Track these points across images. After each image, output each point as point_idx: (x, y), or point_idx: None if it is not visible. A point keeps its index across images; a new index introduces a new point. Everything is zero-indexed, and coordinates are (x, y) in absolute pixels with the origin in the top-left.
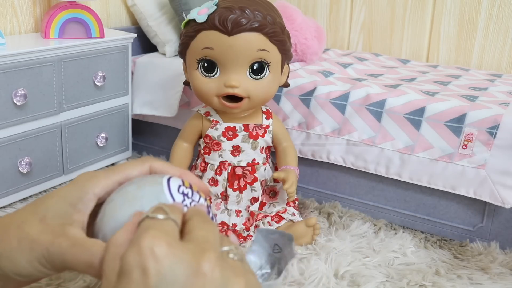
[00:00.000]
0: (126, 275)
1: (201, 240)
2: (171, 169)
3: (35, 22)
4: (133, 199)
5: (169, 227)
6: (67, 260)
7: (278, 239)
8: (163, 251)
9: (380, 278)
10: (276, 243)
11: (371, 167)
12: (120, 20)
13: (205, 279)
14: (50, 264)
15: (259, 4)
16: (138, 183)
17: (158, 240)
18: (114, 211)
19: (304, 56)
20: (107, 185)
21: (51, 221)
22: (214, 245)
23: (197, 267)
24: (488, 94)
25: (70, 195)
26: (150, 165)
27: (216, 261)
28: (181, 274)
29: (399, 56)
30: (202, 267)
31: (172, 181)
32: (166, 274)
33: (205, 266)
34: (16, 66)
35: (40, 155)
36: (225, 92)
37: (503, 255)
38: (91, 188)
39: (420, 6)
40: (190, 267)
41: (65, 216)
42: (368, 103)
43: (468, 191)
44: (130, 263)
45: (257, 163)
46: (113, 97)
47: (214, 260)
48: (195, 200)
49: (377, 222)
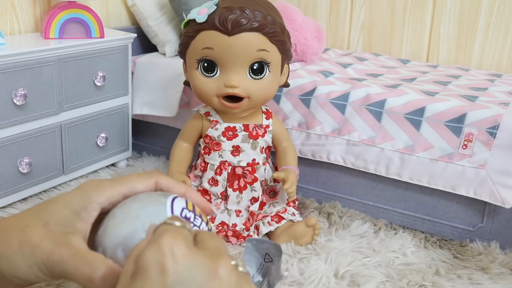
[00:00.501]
0: (143, 273)
1: (214, 249)
2: (176, 186)
3: (35, 22)
4: (135, 217)
5: (186, 232)
6: (67, 271)
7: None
8: (182, 251)
9: (380, 278)
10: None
11: (371, 167)
12: (120, 20)
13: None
14: (50, 271)
15: (259, 4)
16: (141, 202)
17: (178, 240)
18: (115, 227)
19: (304, 56)
20: (112, 196)
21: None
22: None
23: (214, 270)
24: (488, 94)
25: (74, 202)
26: (156, 180)
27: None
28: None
29: (399, 56)
30: (219, 271)
31: (176, 203)
32: (183, 274)
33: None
34: (16, 66)
35: (40, 155)
36: (225, 92)
37: (503, 255)
38: (96, 197)
39: (420, 6)
40: (208, 270)
41: (68, 224)
42: (368, 103)
43: (468, 191)
44: (148, 261)
45: (257, 163)
46: (113, 97)
47: (230, 266)
48: (196, 224)
49: (377, 222)
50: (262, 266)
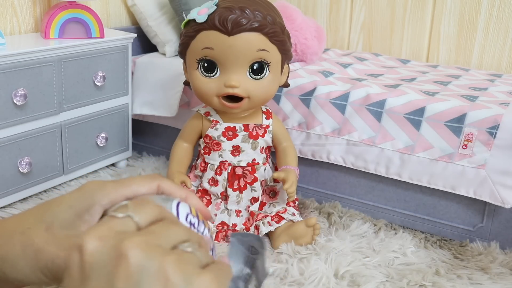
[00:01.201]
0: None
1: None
2: (178, 190)
3: (35, 22)
4: None
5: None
6: None
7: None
8: (92, 245)
9: (380, 278)
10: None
11: (371, 167)
12: (120, 20)
13: (127, 260)
14: (53, 275)
15: (259, 4)
16: None
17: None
18: None
19: (304, 56)
20: (115, 198)
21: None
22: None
23: (118, 249)
24: (488, 94)
25: (77, 204)
26: (158, 184)
27: (139, 243)
28: (107, 260)
29: (399, 56)
30: (122, 249)
31: (181, 208)
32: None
33: (124, 248)
34: (16, 66)
35: (40, 155)
36: (225, 92)
37: (503, 255)
38: (99, 200)
39: (420, 6)
40: (114, 251)
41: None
42: (368, 103)
43: (468, 191)
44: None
45: (257, 163)
46: (113, 97)
47: (137, 242)
48: (200, 230)
49: (377, 222)
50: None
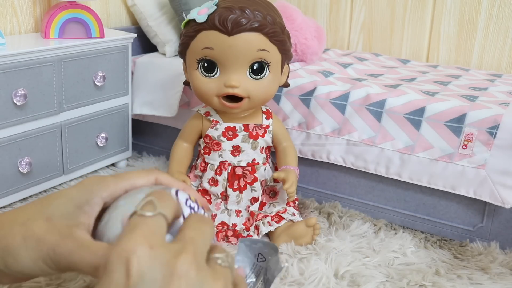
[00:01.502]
0: (108, 274)
1: (187, 241)
2: (176, 183)
3: (35, 22)
4: None
5: (156, 225)
6: (74, 262)
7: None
8: (145, 253)
9: (380, 278)
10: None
11: (371, 167)
12: (120, 20)
13: (180, 279)
14: (55, 264)
15: (259, 4)
16: (147, 192)
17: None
18: (121, 216)
19: (304, 56)
20: (114, 191)
21: (57, 221)
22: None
23: (173, 268)
24: (488, 94)
25: (77, 197)
26: (156, 177)
27: (192, 262)
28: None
29: (399, 56)
30: (177, 268)
31: (180, 193)
32: (146, 275)
33: (180, 267)
34: (16, 66)
35: (40, 155)
36: (225, 92)
37: (503, 255)
38: (99, 192)
39: (420, 6)
40: (168, 268)
41: (71, 217)
42: (368, 103)
43: (468, 191)
44: (113, 262)
45: (257, 163)
46: (113, 97)
47: (190, 261)
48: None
49: (377, 222)
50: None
